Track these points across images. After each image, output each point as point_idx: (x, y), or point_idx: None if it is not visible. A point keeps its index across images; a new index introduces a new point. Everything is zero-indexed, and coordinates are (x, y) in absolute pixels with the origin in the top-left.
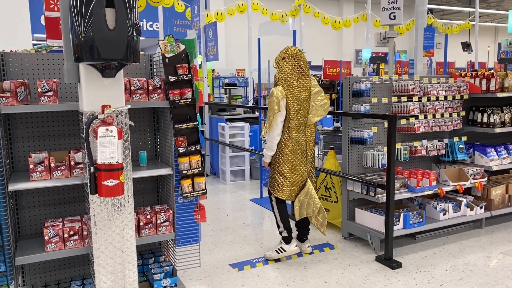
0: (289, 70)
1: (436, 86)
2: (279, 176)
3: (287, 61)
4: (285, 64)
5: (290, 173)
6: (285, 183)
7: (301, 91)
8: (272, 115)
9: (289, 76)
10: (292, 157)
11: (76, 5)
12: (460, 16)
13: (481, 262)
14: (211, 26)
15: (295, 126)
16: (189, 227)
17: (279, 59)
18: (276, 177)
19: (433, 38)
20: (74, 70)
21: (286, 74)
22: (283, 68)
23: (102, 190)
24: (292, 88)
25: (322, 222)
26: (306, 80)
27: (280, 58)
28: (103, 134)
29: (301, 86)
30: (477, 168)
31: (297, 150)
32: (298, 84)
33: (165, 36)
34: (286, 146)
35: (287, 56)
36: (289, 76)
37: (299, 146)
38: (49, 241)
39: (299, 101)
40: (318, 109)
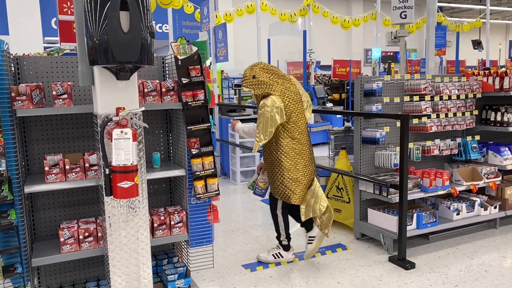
0: (268, 80)
1: (449, 85)
2: (292, 183)
3: (259, 74)
4: (259, 79)
5: (302, 176)
6: (299, 187)
7: (292, 93)
8: (272, 127)
9: (273, 84)
10: (301, 159)
11: (91, 8)
12: (471, 14)
13: (496, 262)
14: (220, 27)
15: (297, 128)
16: (202, 228)
17: (249, 80)
18: (288, 184)
19: (444, 36)
20: (89, 73)
21: (268, 85)
22: (261, 82)
23: (117, 192)
24: (283, 92)
25: (327, 223)
26: (287, 81)
27: (249, 78)
28: (118, 136)
29: (289, 87)
30: (491, 168)
31: (304, 152)
32: (286, 87)
33: (177, 38)
34: (293, 150)
35: (257, 72)
36: (272, 84)
37: (305, 147)
38: (64, 242)
39: (295, 102)
40: (308, 103)
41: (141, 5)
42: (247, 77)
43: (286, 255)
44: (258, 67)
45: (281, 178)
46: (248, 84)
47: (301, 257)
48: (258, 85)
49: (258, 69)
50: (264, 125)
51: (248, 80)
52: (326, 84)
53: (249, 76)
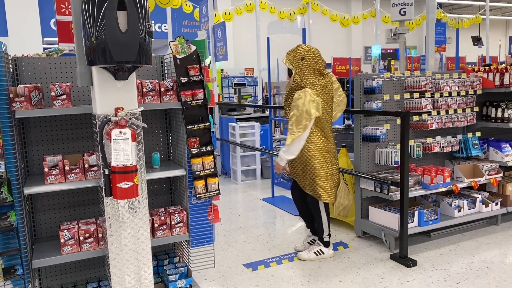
0: (310, 70)
1: (449, 81)
2: (323, 181)
3: (307, 61)
4: (305, 65)
5: (331, 175)
6: (329, 185)
7: (327, 90)
8: (307, 120)
9: (312, 76)
10: (330, 157)
11: (88, 8)
12: (470, 10)
13: (498, 259)
14: (219, 26)
15: (327, 126)
16: (203, 228)
17: (296, 59)
18: (320, 182)
19: (444, 33)
20: (87, 73)
21: (307, 74)
22: (304, 69)
23: (116, 193)
24: (318, 87)
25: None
26: (328, 77)
27: (297, 58)
28: (117, 136)
29: (326, 84)
30: (492, 164)
31: (332, 150)
32: (323, 83)
33: (175, 37)
34: (324, 148)
35: (307, 56)
36: (311, 76)
37: (332, 145)
38: (65, 243)
39: (327, 100)
40: (340, 105)
41: (138, 4)
42: (297, 54)
43: (327, 252)
44: (310, 50)
45: (313, 176)
46: (294, 62)
47: None
48: (301, 70)
49: (312, 54)
50: (298, 118)
51: (296, 58)
52: None
53: (298, 55)
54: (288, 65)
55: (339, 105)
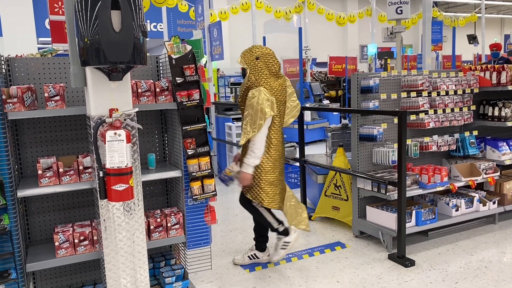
0: (265, 70)
1: (446, 80)
2: (268, 186)
3: (262, 61)
4: (260, 65)
5: (277, 180)
6: (275, 191)
7: (281, 93)
8: (262, 119)
9: (267, 77)
10: (278, 162)
11: (81, 8)
12: (465, 8)
13: (495, 258)
14: (215, 25)
15: (277, 130)
16: (199, 230)
17: (251, 59)
18: (265, 187)
19: (441, 31)
20: (81, 74)
21: (262, 74)
22: (259, 69)
23: (111, 195)
24: (273, 89)
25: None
26: (282, 80)
27: (252, 57)
28: (111, 138)
29: (280, 87)
30: (489, 163)
31: (280, 154)
32: (277, 85)
33: (170, 37)
34: (275, 151)
35: (262, 56)
36: (266, 76)
37: (282, 150)
38: (59, 247)
39: (280, 103)
40: (293, 110)
41: (132, 4)
42: (251, 54)
43: (290, 238)
44: (264, 50)
45: (258, 179)
46: (249, 62)
47: (300, 256)
48: (256, 69)
49: (266, 55)
50: (253, 117)
51: (251, 58)
52: (323, 81)
53: (252, 55)
54: (243, 65)
55: (292, 111)
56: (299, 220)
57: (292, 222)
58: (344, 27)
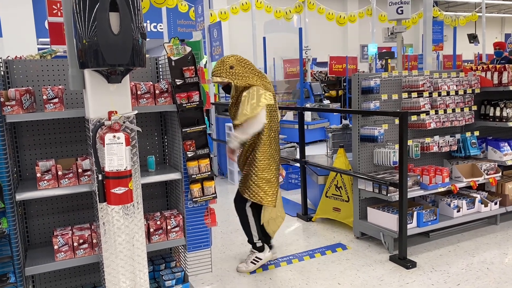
0: (246, 73)
1: (447, 80)
2: (265, 183)
3: (237, 67)
4: (238, 70)
5: (274, 177)
6: (272, 188)
7: (270, 87)
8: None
9: (252, 76)
10: (274, 161)
11: (80, 9)
12: (466, 7)
13: (497, 259)
14: (215, 25)
15: (276, 126)
16: (199, 232)
17: (226, 71)
18: (262, 184)
19: (441, 31)
20: (79, 76)
21: (246, 77)
22: (240, 74)
23: (110, 198)
24: (263, 85)
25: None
26: (264, 77)
27: (227, 69)
28: (110, 141)
29: (267, 83)
30: (491, 163)
31: (277, 152)
32: (264, 82)
33: (170, 37)
34: (270, 149)
35: (234, 63)
36: (251, 76)
37: (278, 147)
38: (58, 250)
39: (275, 100)
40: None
41: (131, 5)
42: (223, 67)
43: (263, 256)
44: (234, 58)
45: (255, 177)
46: (226, 74)
47: (300, 258)
48: (238, 75)
49: (234, 60)
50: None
51: (225, 70)
52: (323, 81)
53: (226, 65)
54: (222, 80)
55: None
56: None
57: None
58: (345, 27)
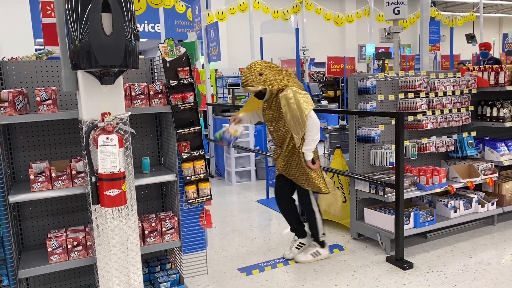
0: (277, 76)
1: (444, 81)
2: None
3: (266, 72)
4: (268, 75)
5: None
6: (323, 177)
7: (300, 86)
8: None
9: (283, 78)
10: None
11: (72, 10)
12: (464, 7)
13: (494, 260)
14: (212, 26)
15: None
16: (195, 234)
17: (257, 79)
18: (320, 174)
19: (438, 32)
20: (72, 78)
21: (279, 80)
22: (271, 78)
23: (104, 200)
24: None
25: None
26: (291, 76)
27: (257, 77)
28: (103, 143)
29: (296, 81)
30: (488, 164)
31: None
32: (295, 80)
33: (165, 39)
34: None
35: (263, 69)
36: (282, 79)
37: None
38: (52, 252)
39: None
40: None
41: (124, 6)
42: (252, 76)
43: (324, 252)
44: (259, 64)
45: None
46: (257, 82)
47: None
48: (269, 80)
49: (260, 66)
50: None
51: (255, 78)
52: (321, 81)
53: (255, 74)
54: (255, 89)
55: None
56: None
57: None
58: (342, 27)
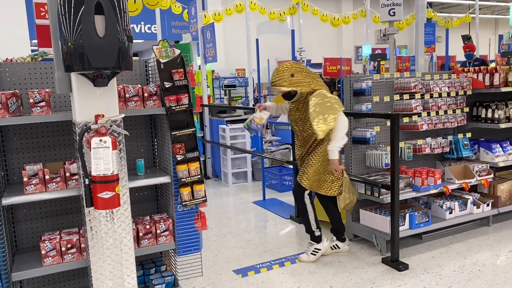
0: (308, 79)
1: (439, 82)
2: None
3: (297, 74)
4: (299, 77)
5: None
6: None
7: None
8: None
9: (314, 81)
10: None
11: (65, 12)
12: (460, 9)
13: (489, 261)
14: (208, 27)
15: None
16: (189, 236)
17: (289, 79)
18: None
19: (433, 33)
20: (66, 79)
21: (310, 83)
22: (302, 81)
23: (98, 203)
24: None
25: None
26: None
27: (288, 77)
28: (96, 145)
29: (324, 84)
30: (483, 165)
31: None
32: (323, 84)
33: (162, 39)
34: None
35: (294, 71)
36: (314, 81)
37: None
38: (46, 255)
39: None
40: None
41: (117, 8)
42: (284, 77)
43: (322, 246)
44: (291, 66)
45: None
46: (288, 83)
47: (293, 261)
48: (301, 83)
49: (292, 67)
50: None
51: (287, 79)
52: None
53: (287, 74)
54: (286, 90)
55: None
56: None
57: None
58: (339, 28)
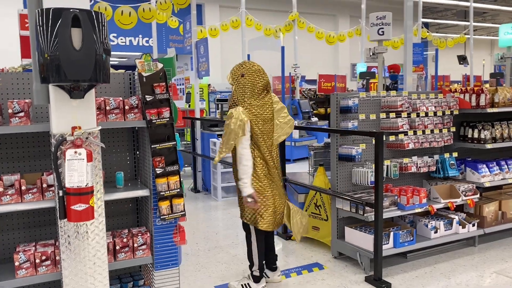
0: (249, 88)
1: (425, 101)
2: (262, 207)
3: (247, 78)
4: (245, 82)
5: (271, 199)
6: (268, 211)
7: (264, 110)
8: (233, 139)
9: (250, 95)
10: (269, 181)
11: (42, 23)
12: (456, 29)
13: (473, 282)
14: (202, 42)
15: (265, 149)
16: (168, 250)
17: (236, 76)
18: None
19: (422, 53)
20: (44, 91)
21: (245, 93)
22: (242, 86)
23: (71, 215)
24: (254, 107)
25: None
26: (267, 97)
27: (238, 74)
28: (71, 157)
29: (263, 104)
30: (469, 185)
31: (272, 174)
32: (260, 103)
33: (161, 51)
34: (262, 172)
35: (247, 73)
36: (249, 94)
37: (274, 170)
38: (19, 267)
39: (264, 121)
40: (283, 127)
41: (95, 21)
42: (238, 71)
43: (256, 287)
44: (252, 66)
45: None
46: (235, 78)
47: (287, 275)
48: (240, 87)
49: (253, 72)
50: (227, 137)
51: (237, 74)
52: (312, 98)
53: (238, 72)
54: (230, 82)
55: (283, 128)
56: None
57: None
58: (336, 46)
